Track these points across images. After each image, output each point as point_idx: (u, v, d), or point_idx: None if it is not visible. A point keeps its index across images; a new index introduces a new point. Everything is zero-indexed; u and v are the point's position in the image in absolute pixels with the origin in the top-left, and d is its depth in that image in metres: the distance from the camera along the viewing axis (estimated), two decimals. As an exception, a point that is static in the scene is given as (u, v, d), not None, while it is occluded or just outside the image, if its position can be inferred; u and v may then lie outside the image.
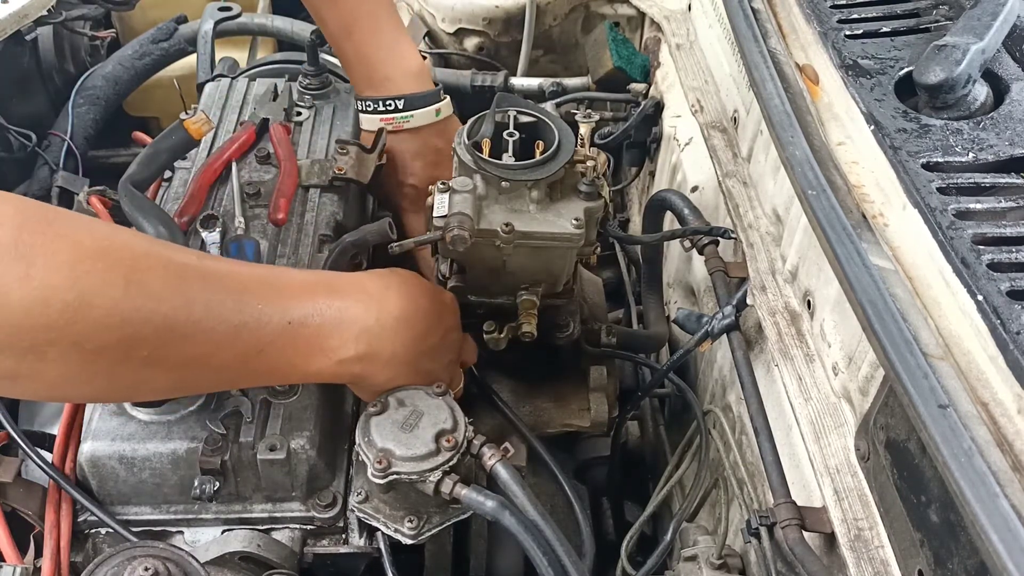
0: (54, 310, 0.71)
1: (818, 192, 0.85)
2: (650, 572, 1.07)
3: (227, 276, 0.88)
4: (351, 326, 0.92)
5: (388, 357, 0.95)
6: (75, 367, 0.75)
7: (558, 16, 1.87)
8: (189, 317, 0.81)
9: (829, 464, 0.90)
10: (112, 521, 0.98)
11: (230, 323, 0.84)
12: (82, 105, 1.67)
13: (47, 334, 0.71)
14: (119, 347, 0.76)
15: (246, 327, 0.85)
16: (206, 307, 0.82)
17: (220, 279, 0.86)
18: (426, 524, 1.00)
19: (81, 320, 0.72)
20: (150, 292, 0.78)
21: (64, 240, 0.73)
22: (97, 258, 0.75)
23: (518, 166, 1.02)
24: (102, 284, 0.74)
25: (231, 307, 0.85)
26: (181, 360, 0.82)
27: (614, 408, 1.20)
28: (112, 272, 0.76)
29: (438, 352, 1.02)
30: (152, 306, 0.78)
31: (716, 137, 1.31)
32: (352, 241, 1.11)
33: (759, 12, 1.10)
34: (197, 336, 0.82)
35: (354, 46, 1.26)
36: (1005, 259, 0.77)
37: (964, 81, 0.91)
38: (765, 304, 1.04)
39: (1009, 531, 0.59)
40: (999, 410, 0.69)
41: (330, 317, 0.91)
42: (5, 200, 0.72)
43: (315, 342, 0.90)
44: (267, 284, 0.90)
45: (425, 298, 0.99)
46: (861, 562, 0.82)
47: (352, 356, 0.93)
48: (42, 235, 0.72)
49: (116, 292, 0.75)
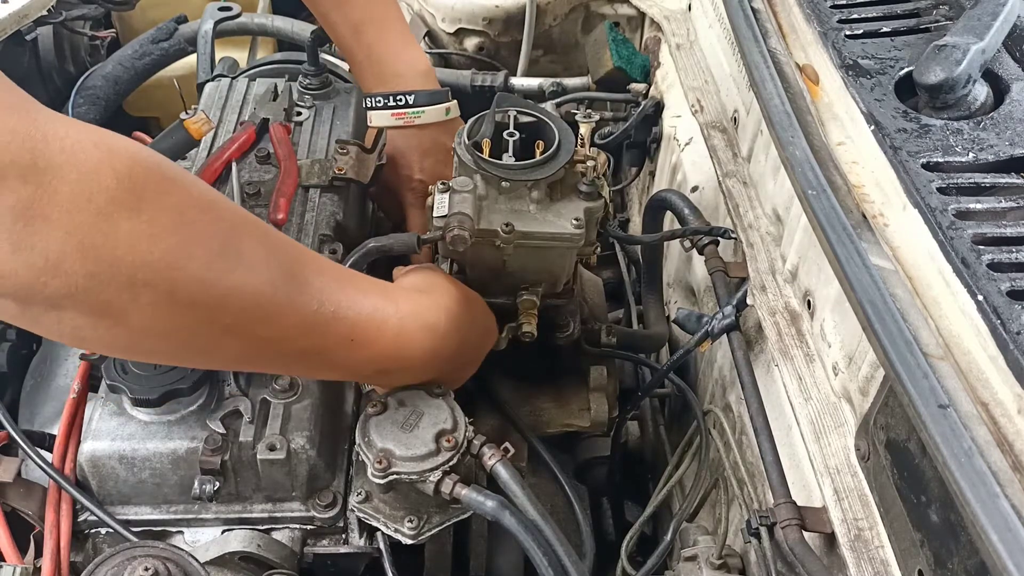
0: (158, 249, 0.71)
1: (818, 192, 0.85)
2: (650, 572, 1.07)
3: (314, 260, 0.89)
4: (417, 323, 0.94)
5: (449, 355, 0.98)
6: (162, 316, 0.74)
7: (558, 16, 1.87)
8: (275, 295, 0.81)
9: (829, 464, 0.90)
10: (112, 521, 0.98)
11: (316, 310, 0.85)
12: (82, 105, 1.67)
13: (146, 273, 0.71)
14: (207, 306, 0.76)
15: (328, 318, 0.86)
16: (294, 289, 0.83)
17: (308, 261, 0.88)
18: (426, 524, 1.00)
19: (179, 267, 0.73)
20: (245, 259, 0.78)
21: (175, 185, 0.74)
22: (203, 210, 0.76)
23: (518, 166, 1.02)
24: (204, 236, 0.75)
25: (316, 293, 0.85)
26: (260, 337, 0.82)
27: (614, 408, 1.20)
28: (215, 226, 0.76)
29: (481, 352, 1.06)
30: (243, 273, 0.78)
31: (716, 137, 1.31)
32: (377, 246, 1.11)
33: (759, 12, 1.10)
34: (281, 318, 0.82)
35: (364, 45, 1.27)
36: (1005, 259, 0.77)
37: (964, 81, 0.91)
38: (765, 304, 1.04)
39: (1009, 531, 0.59)
40: (999, 410, 0.69)
41: (401, 313, 0.93)
42: (121, 138, 0.72)
43: (382, 339, 0.91)
44: (343, 276, 0.92)
45: (473, 301, 1.03)
46: (861, 562, 0.82)
47: (420, 354, 0.95)
48: (155, 176, 0.72)
49: (215, 246, 0.76)
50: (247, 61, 1.84)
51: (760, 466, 0.97)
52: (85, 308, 0.71)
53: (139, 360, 0.97)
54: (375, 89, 1.28)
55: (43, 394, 1.24)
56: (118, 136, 0.72)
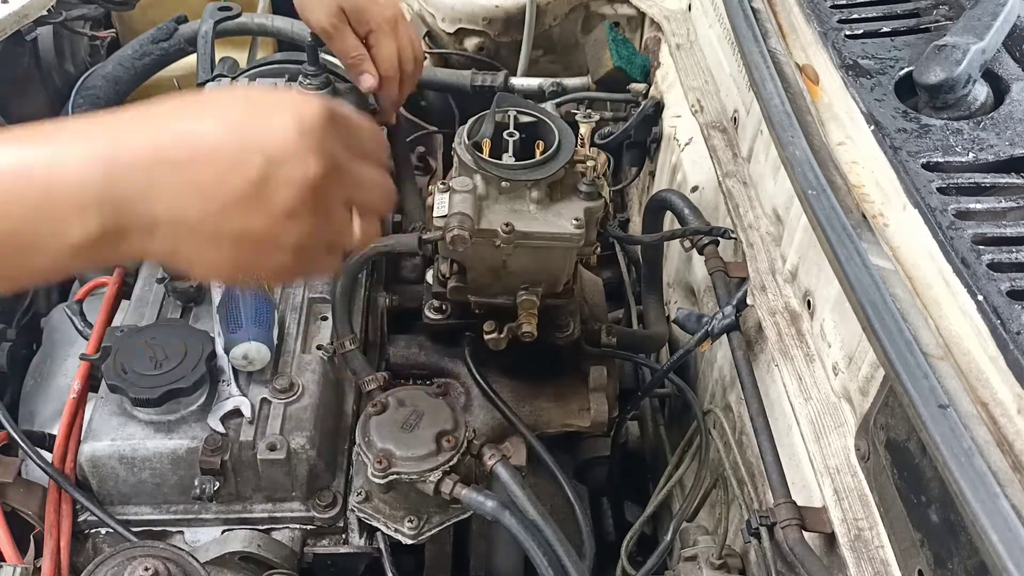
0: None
1: (818, 192, 0.85)
2: (650, 572, 1.07)
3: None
4: (82, 186, 0.61)
5: (148, 225, 0.63)
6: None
7: (558, 16, 1.87)
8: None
9: (829, 464, 0.90)
10: (112, 521, 0.98)
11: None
12: (82, 105, 1.67)
13: None
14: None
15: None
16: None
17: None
18: (426, 524, 1.00)
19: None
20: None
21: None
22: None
23: (518, 166, 1.02)
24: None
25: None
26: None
27: (614, 408, 1.20)
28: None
29: (256, 207, 0.64)
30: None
31: (716, 137, 1.31)
32: (380, 248, 1.11)
33: (759, 12, 1.10)
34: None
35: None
36: (1005, 259, 0.77)
37: (964, 81, 0.91)
38: (765, 304, 1.04)
39: (1009, 531, 0.59)
40: (999, 410, 0.69)
41: (59, 168, 0.61)
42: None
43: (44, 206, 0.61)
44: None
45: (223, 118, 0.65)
46: (861, 562, 0.82)
47: (93, 236, 0.62)
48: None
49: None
50: (247, 61, 1.84)
51: (760, 466, 0.97)
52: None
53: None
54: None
55: (43, 394, 1.23)
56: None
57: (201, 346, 0.99)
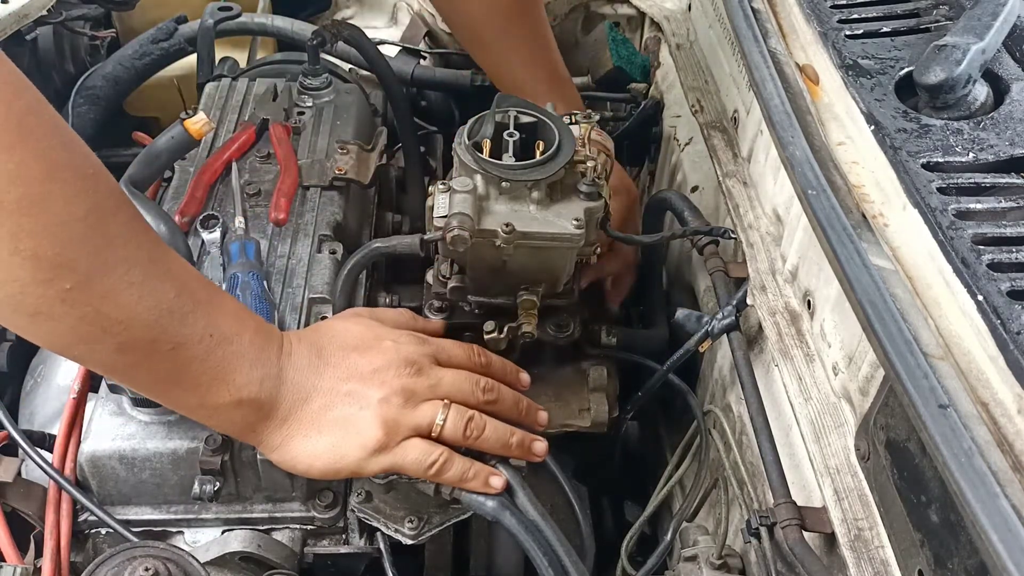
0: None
1: (818, 192, 0.85)
2: (650, 572, 1.07)
3: (175, 262, 0.85)
4: (261, 366, 0.88)
5: (285, 410, 0.90)
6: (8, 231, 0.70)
7: (558, 16, 1.87)
8: (123, 276, 0.77)
9: (829, 464, 0.90)
10: (112, 521, 0.98)
11: (158, 303, 0.80)
12: (82, 105, 1.67)
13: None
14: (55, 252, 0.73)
15: (171, 315, 0.81)
16: (143, 278, 0.79)
17: (169, 261, 0.84)
18: (426, 524, 1.00)
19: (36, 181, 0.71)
20: (106, 223, 0.77)
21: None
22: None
23: (518, 166, 1.02)
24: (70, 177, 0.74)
25: (166, 290, 0.81)
26: (92, 313, 0.77)
27: (614, 408, 1.20)
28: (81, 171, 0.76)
29: (370, 379, 0.93)
30: (98, 238, 0.76)
31: (716, 137, 1.31)
32: (381, 247, 1.11)
33: (759, 12, 1.10)
34: (121, 295, 0.77)
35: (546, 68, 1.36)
36: (1005, 259, 0.77)
37: (964, 81, 0.91)
38: (765, 304, 1.04)
39: (1009, 531, 0.59)
40: (999, 410, 0.68)
41: (247, 349, 0.87)
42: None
43: (224, 368, 0.86)
44: (207, 290, 0.88)
45: (351, 334, 0.95)
46: (861, 562, 0.82)
47: (252, 397, 0.88)
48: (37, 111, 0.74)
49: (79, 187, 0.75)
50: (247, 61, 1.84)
51: (760, 466, 0.97)
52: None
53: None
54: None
55: (43, 394, 1.23)
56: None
57: (201, 346, 0.99)
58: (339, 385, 0.92)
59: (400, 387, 0.92)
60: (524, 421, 1.01)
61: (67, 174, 0.74)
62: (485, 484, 0.94)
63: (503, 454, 0.96)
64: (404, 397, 0.93)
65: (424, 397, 0.94)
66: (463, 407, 0.95)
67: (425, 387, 0.94)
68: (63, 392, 1.12)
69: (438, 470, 0.92)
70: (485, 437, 0.95)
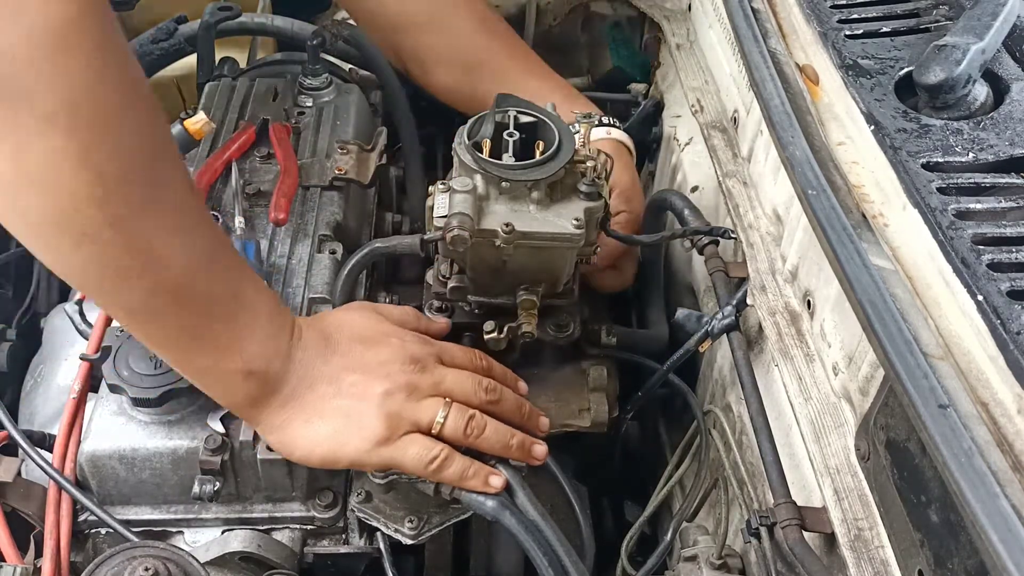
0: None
1: (818, 192, 0.85)
2: (650, 572, 1.07)
3: (214, 223, 0.89)
4: (274, 341, 0.91)
5: (289, 391, 0.92)
6: (58, 143, 0.71)
7: (558, 16, 1.86)
8: (172, 216, 0.81)
9: (829, 464, 0.90)
10: (112, 521, 0.98)
11: (198, 252, 0.84)
12: (82, 105, 1.67)
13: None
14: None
15: (207, 268, 0.85)
16: (189, 224, 0.83)
17: (209, 219, 0.88)
18: (426, 524, 1.00)
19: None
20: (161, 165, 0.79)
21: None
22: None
23: (518, 166, 1.02)
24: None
25: (206, 243, 0.85)
26: (136, 246, 0.79)
27: (614, 408, 1.20)
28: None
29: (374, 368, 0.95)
30: (158, 174, 0.79)
31: (716, 137, 1.31)
32: (381, 247, 1.11)
33: (759, 12, 1.10)
34: (167, 235, 0.80)
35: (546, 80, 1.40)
36: (1005, 259, 0.77)
37: (964, 81, 0.91)
38: (765, 304, 1.04)
39: (1009, 531, 0.59)
40: (999, 410, 0.69)
41: (264, 322, 0.90)
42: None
43: (241, 334, 0.88)
44: (237, 257, 0.91)
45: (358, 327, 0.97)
46: (861, 562, 0.82)
47: (262, 370, 0.90)
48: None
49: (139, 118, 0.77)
50: (247, 61, 1.84)
51: (760, 466, 0.97)
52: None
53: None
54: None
55: (43, 394, 1.23)
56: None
57: (201, 346, 0.99)
58: (344, 375, 0.93)
59: (404, 382, 0.93)
60: (526, 425, 1.01)
61: (141, 105, 0.77)
62: (485, 483, 0.95)
63: (503, 455, 0.97)
64: (407, 392, 0.93)
65: (427, 393, 0.95)
66: (464, 406, 0.95)
67: (428, 384, 0.95)
68: (63, 392, 1.12)
69: (438, 467, 0.93)
70: (485, 436, 0.95)
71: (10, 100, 0.68)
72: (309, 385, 0.92)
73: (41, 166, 0.71)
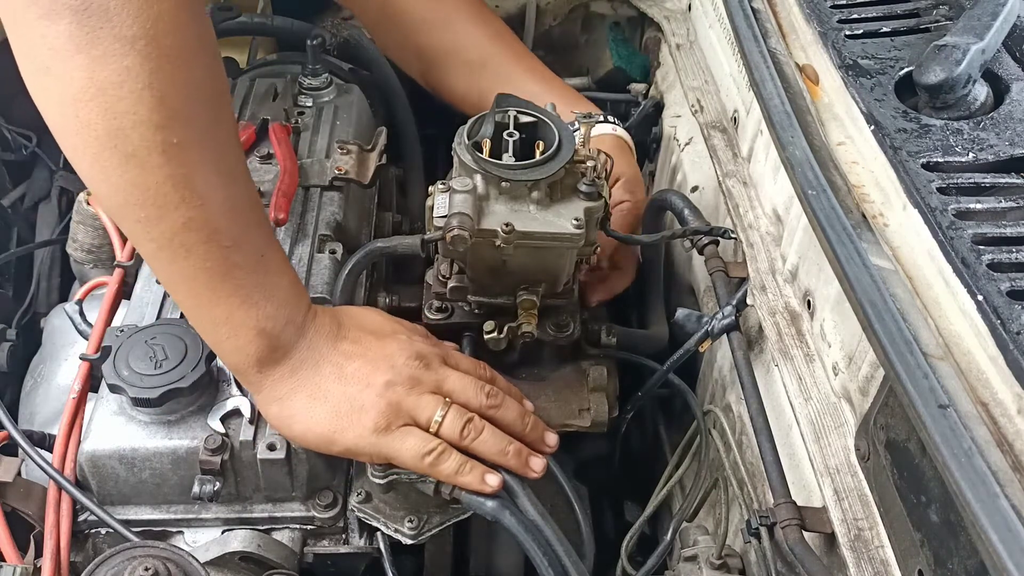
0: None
1: (818, 192, 0.85)
2: (650, 572, 1.07)
3: (254, 186, 0.92)
4: (289, 309, 0.92)
5: (296, 363, 0.93)
6: (132, 63, 0.75)
7: (558, 16, 1.86)
8: (219, 158, 0.85)
9: (829, 464, 0.90)
10: (112, 521, 0.98)
11: (237, 198, 0.87)
12: (82, 104, 1.67)
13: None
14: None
15: (243, 216, 0.88)
16: (232, 169, 0.87)
17: (249, 176, 0.91)
18: (426, 524, 1.00)
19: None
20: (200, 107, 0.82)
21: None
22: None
23: (518, 166, 1.02)
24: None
25: (245, 193, 0.88)
26: (181, 176, 0.81)
27: (614, 408, 1.20)
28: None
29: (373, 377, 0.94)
30: (215, 114, 0.84)
31: (716, 137, 1.31)
32: (382, 247, 1.11)
33: (759, 12, 1.10)
34: (211, 173, 0.83)
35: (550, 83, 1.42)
36: (1005, 259, 0.77)
37: (964, 81, 0.91)
38: (765, 304, 1.04)
39: (1009, 531, 0.59)
40: (999, 410, 0.69)
41: (284, 289, 0.92)
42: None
43: (261, 291, 0.89)
44: (270, 228, 0.94)
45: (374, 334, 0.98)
46: (861, 562, 0.82)
47: (274, 333, 0.91)
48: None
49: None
50: (247, 61, 1.84)
51: (760, 466, 0.97)
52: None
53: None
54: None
55: (43, 394, 1.24)
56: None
57: (201, 346, 0.99)
58: (350, 361, 0.94)
59: (407, 376, 0.94)
60: (527, 437, 1.00)
61: (212, 49, 0.84)
62: (481, 482, 0.94)
63: (498, 462, 0.96)
64: (409, 385, 0.94)
65: (428, 390, 0.95)
66: (464, 409, 0.95)
67: (431, 381, 0.96)
68: (63, 392, 1.12)
69: (433, 461, 0.93)
70: (482, 440, 0.95)
71: (97, 17, 0.73)
72: (315, 363, 0.93)
73: (111, 82, 0.75)
